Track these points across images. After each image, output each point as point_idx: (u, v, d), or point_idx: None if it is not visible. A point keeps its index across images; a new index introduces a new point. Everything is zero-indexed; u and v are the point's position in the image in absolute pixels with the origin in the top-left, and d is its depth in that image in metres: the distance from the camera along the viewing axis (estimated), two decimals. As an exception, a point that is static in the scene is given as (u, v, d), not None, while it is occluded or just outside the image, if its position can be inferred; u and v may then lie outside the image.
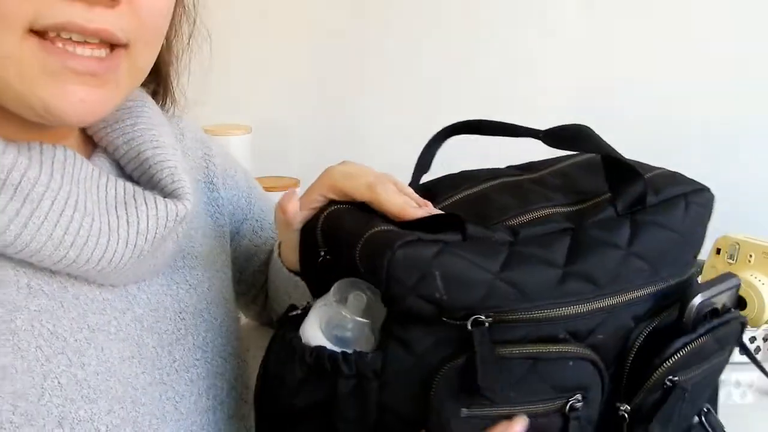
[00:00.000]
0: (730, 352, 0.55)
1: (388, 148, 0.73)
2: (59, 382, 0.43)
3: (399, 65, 1.31)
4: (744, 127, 1.09)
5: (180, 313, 0.54)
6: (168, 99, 0.60)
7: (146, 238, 0.47)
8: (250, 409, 0.61)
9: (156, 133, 0.53)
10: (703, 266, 0.89)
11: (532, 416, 0.47)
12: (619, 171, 0.52)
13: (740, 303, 0.81)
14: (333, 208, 0.50)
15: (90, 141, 0.54)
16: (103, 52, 0.42)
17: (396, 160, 0.64)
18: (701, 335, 0.50)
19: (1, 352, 0.41)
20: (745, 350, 0.58)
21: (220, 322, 0.59)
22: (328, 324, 0.46)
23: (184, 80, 0.61)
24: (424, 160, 0.57)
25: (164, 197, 0.49)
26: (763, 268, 0.81)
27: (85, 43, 0.41)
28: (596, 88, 1.17)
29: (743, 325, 0.55)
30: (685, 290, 0.51)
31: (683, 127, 1.12)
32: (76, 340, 0.45)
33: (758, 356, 0.78)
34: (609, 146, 0.53)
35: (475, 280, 0.45)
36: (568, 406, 0.47)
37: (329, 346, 0.45)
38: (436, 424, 0.45)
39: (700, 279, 0.90)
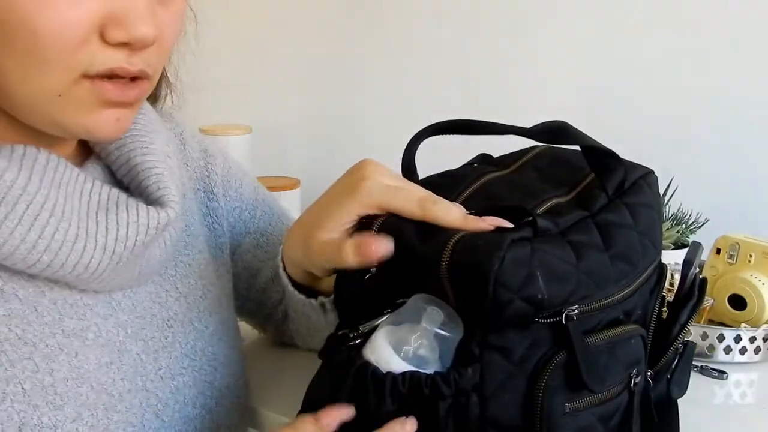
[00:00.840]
0: None
1: (387, 148, 0.73)
2: (23, 388, 0.43)
3: (399, 65, 1.31)
4: (744, 126, 1.09)
5: (168, 320, 0.54)
6: (164, 85, 0.61)
7: (125, 245, 0.46)
8: (242, 417, 0.61)
9: (147, 140, 0.53)
10: (703, 266, 0.89)
11: (610, 399, 0.48)
12: (602, 159, 0.53)
13: (740, 303, 0.81)
14: (387, 220, 0.47)
15: (86, 147, 0.54)
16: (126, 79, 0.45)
17: (396, 159, 0.64)
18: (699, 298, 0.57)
19: None
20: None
21: (211, 331, 0.58)
22: (405, 343, 0.43)
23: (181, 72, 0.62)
24: (410, 162, 0.56)
25: (150, 204, 0.49)
26: (763, 268, 0.81)
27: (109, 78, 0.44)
28: (596, 88, 1.17)
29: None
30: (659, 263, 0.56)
31: (683, 127, 1.12)
32: (46, 346, 0.45)
33: (758, 356, 0.78)
34: (589, 138, 0.54)
35: (565, 275, 0.45)
36: (632, 382, 0.49)
37: (411, 368, 0.42)
38: (544, 426, 0.44)
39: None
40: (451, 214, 0.45)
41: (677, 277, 0.81)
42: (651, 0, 1.11)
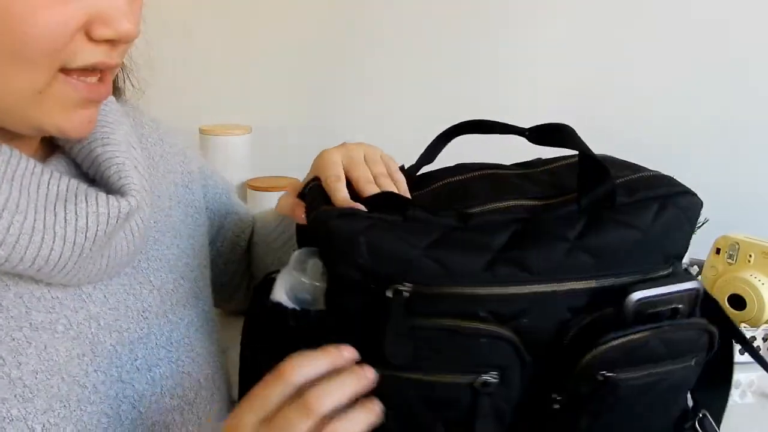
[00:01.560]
0: (699, 364, 0.54)
1: (388, 148, 0.73)
2: None
3: (399, 66, 1.31)
4: (744, 126, 1.09)
5: (143, 312, 0.54)
6: (121, 74, 0.60)
7: (86, 236, 0.46)
8: (225, 408, 0.61)
9: (108, 131, 0.52)
10: (702, 266, 0.89)
11: (441, 385, 0.51)
12: (591, 170, 0.54)
13: (740, 303, 0.81)
14: (312, 185, 0.59)
15: (50, 142, 0.53)
16: (96, 77, 0.46)
17: (396, 159, 0.64)
18: (638, 332, 0.50)
19: None
20: (747, 348, 0.57)
21: (187, 323, 0.59)
22: (292, 289, 0.55)
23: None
24: (430, 154, 0.61)
25: (111, 194, 0.48)
26: (763, 268, 0.81)
27: (87, 71, 0.45)
28: (595, 88, 1.17)
29: (711, 336, 0.53)
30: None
31: (683, 127, 1.12)
32: (12, 339, 0.45)
33: (758, 356, 0.78)
34: (586, 145, 0.55)
35: (400, 253, 0.50)
36: (480, 381, 0.50)
37: (292, 305, 0.55)
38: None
39: (699, 278, 0.90)
40: (336, 193, 0.55)
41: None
42: (651, 0, 1.11)
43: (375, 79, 1.34)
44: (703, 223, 0.92)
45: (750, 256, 0.82)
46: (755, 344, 0.77)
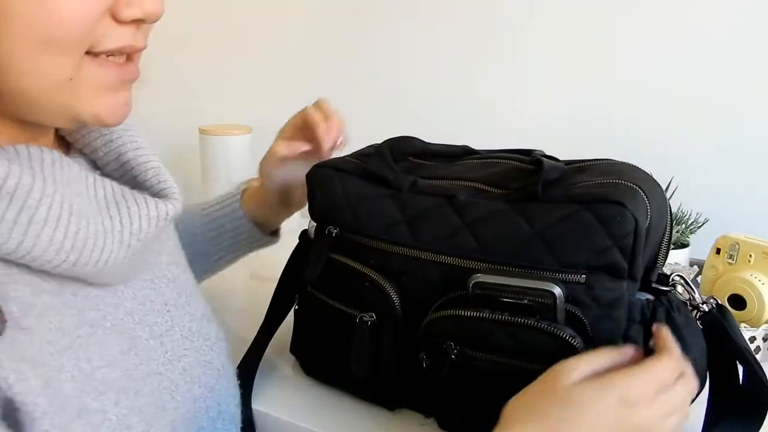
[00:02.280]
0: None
1: (387, 148, 0.73)
2: (72, 375, 0.44)
3: (400, 66, 1.31)
4: (745, 126, 1.09)
5: (165, 305, 0.56)
6: None
7: (138, 238, 0.47)
8: (237, 393, 0.64)
9: (133, 134, 0.54)
10: (702, 266, 0.89)
11: (337, 310, 0.65)
12: (533, 168, 0.61)
13: (740, 303, 0.81)
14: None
15: (63, 142, 0.54)
16: (123, 58, 0.46)
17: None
18: (475, 311, 0.55)
19: (22, 345, 0.42)
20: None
21: (201, 313, 0.61)
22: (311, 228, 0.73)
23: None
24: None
25: (152, 197, 0.50)
26: (763, 268, 0.81)
27: (114, 54, 0.45)
28: (595, 88, 1.17)
29: (571, 351, 0.52)
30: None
31: (683, 127, 1.12)
32: (79, 336, 0.46)
33: (758, 356, 0.78)
34: (542, 152, 0.65)
35: (337, 202, 0.65)
36: (359, 317, 0.63)
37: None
38: (302, 291, 0.71)
39: (699, 279, 0.90)
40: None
41: (674, 276, 0.82)
42: (652, 0, 1.11)
43: (376, 79, 1.34)
44: (703, 224, 0.92)
45: (750, 256, 0.82)
46: (755, 344, 0.77)
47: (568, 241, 0.54)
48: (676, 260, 0.86)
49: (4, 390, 0.39)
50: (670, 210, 0.61)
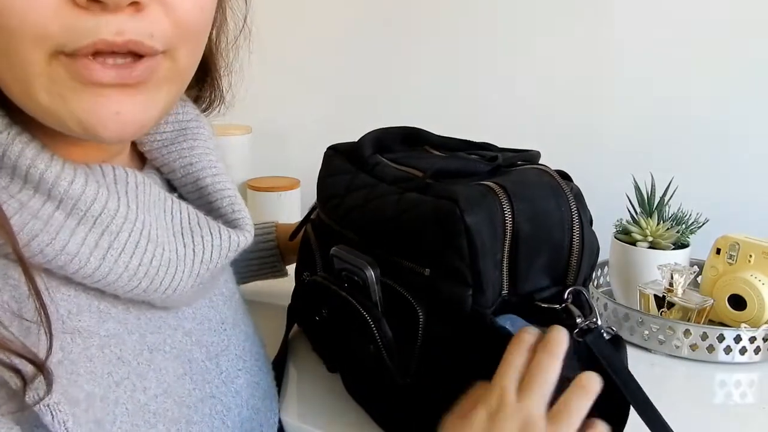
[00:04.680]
0: (373, 350, 0.57)
1: (388, 148, 0.73)
2: (126, 408, 0.42)
3: (399, 66, 1.31)
4: (744, 126, 1.09)
5: (222, 324, 0.54)
6: (216, 100, 0.60)
7: (208, 268, 0.47)
8: (277, 411, 0.61)
9: (213, 159, 0.53)
10: (702, 266, 0.89)
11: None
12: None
13: (740, 303, 0.81)
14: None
15: (140, 156, 0.53)
16: (128, 59, 0.38)
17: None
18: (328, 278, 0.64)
19: (83, 380, 0.40)
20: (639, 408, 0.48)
21: (253, 331, 0.60)
22: None
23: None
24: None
25: (225, 225, 0.49)
26: (763, 268, 0.81)
27: (114, 54, 0.37)
28: (596, 88, 1.17)
29: (369, 328, 0.57)
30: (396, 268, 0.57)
31: (683, 127, 1.12)
32: (138, 364, 0.45)
33: (758, 356, 0.78)
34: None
35: (334, 191, 0.68)
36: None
37: None
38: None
39: (700, 279, 0.90)
40: None
41: (677, 277, 0.82)
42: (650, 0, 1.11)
43: (376, 80, 1.34)
44: (703, 224, 0.92)
45: (750, 256, 0.82)
46: (756, 344, 0.77)
47: (416, 233, 0.54)
48: (676, 260, 0.86)
49: None
50: (582, 231, 0.53)
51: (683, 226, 0.91)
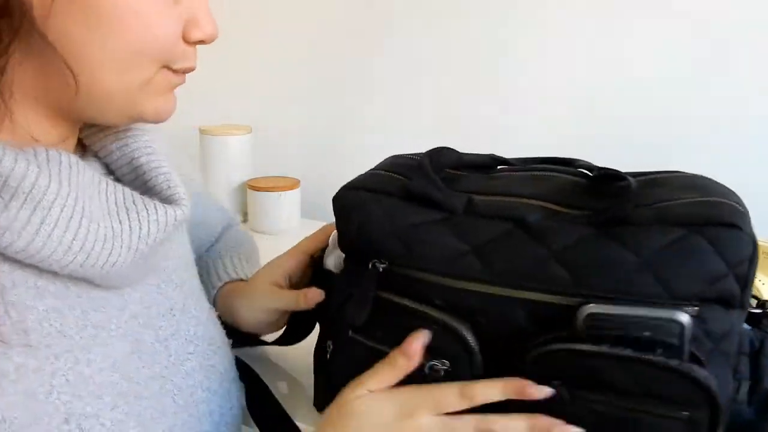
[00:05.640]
0: (696, 424, 0.46)
1: (388, 149, 0.73)
2: (67, 380, 0.45)
3: (400, 66, 1.31)
4: (744, 126, 1.09)
5: (171, 309, 0.57)
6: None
7: (147, 243, 0.49)
8: (241, 396, 0.65)
9: (148, 139, 0.55)
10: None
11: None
12: (612, 185, 0.53)
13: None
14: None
15: (80, 144, 0.55)
16: None
17: (396, 159, 0.64)
18: (589, 346, 0.46)
19: (15, 352, 0.43)
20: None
21: (206, 317, 0.62)
22: (334, 259, 0.65)
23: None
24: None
25: (161, 202, 0.51)
26: (763, 268, 0.81)
27: None
28: (596, 88, 1.17)
29: (705, 392, 0.45)
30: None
31: (683, 127, 1.12)
32: (81, 338, 0.47)
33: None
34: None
35: (379, 230, 0.55)
36: (428, 366, 0.53)
37: (336, 270, 0.65)
38: (338, 336, 0.59)
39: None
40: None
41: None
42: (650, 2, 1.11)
43: (376, 79, 1.34)
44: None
45: (750, 256, 0.82)
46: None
47: (679, 269, 0.47)
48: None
49: None
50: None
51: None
